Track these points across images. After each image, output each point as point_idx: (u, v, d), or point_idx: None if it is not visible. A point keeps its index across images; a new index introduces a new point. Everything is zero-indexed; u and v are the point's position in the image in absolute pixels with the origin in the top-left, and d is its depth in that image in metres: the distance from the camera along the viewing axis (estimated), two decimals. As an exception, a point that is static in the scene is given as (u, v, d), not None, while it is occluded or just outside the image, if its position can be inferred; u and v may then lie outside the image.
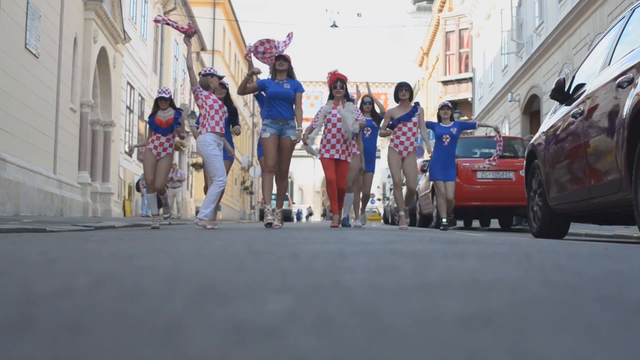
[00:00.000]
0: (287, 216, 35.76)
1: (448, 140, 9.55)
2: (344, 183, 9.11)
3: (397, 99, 9.25)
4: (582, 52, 15.22)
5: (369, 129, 9.75)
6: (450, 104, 10.21)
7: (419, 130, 9.21)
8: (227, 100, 8.40)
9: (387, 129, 9.22)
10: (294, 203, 56.91)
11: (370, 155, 9.91)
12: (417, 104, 9.34)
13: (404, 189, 9.85)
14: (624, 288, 1.38)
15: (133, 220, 12.82)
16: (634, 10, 4.85)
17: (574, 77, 5.60)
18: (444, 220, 9.51)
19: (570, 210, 5.44)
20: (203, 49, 30.51)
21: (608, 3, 14.21)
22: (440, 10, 35.20)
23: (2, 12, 10.87)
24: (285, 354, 0.68)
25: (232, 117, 8.67)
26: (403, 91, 9.27)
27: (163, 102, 8.29)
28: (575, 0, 15.93)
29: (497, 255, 2.46)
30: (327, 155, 8.98)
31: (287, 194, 48.92)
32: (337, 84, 9.03)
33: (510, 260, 2.22)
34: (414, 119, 9.09)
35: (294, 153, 8.50)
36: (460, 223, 15.26)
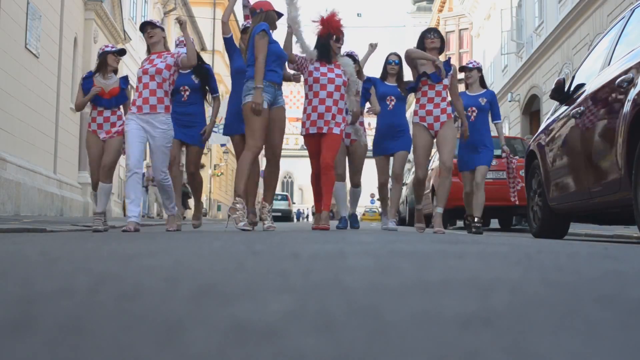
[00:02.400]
0: (287, 216, 35.57)
1: (475, 114, 7.15)
2: (330, 157, 6.47)
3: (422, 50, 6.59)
4: (582, 52, 15.22)
5: (392, 98, 7.27)
6: (480, 65, 7.71)
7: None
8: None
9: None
10: (294, 203, 56.85)
11: (400, 131, 7.26)
12: (449, 60, 6.78)
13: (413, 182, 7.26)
14: (624, 288, 1.38)
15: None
16: (634, 10, 4.85)
17: (573, 77, 5.60)
18: (471, 218, 7.56)
19: (570, 210, 5.44)
20: (203, 49, 30.51)
21: (608, 3, 14.21)
22: (440, 10, 35.19)
23: (2, 12, 10.87)
24: (286, 353, 0.68)
25: (206, 83, 6.76)
26: (431, 38, 6.61)
27: (113, 58, 6.32)
28: (575, 0, 15.94)
29: (497, 255, 2.46)
30: (313, 130, 6.51)
31: (287, 193, 48.31)
32: (333, 37, 6.63)
33: (510, 260, 2.22)
34: (446, 81, 6.53)
35: (293, 153, 7.60)
36: (460, 223, 15.26)
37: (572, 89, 5.43)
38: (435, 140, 6.57)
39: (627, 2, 12.92)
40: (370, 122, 11.45)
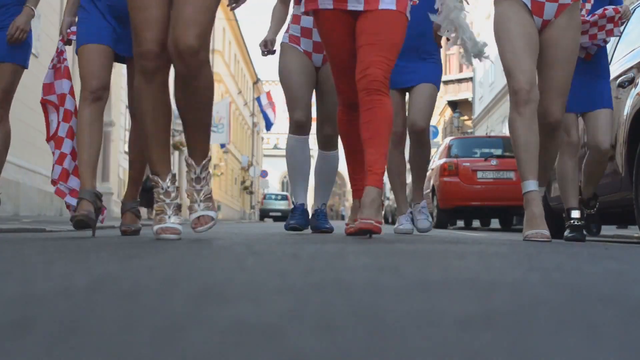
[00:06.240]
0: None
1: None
2: (381, 63, 3.29)
3: None
4: (582, 52, 15.24)
5: None
6: None
7: None
8: None
9: None
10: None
11: (425, 52, 4.84)
12: None
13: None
14: (625, 288, 1.38)
15: (133, 220, 12.80)
16: (634, 10, 4.85)
17: (574, 77, 5.60)
18: (577, 212, 4.45)
19: (570, 210, 5.43)
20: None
21: (608, 3, 14.22)
22: (440, 10, 35.20)
23: (2, 12, 10.86)
24: (286, 354, 0.68)
25: None
26: None
27: None
28: (575, 0, 15.94)
29: (497, 255, 2.46)
30: (326, 5, 3.32)
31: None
32: None
33: (511, 260, 2.22)
34: None
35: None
36: (460, 223, 15.27)
37: (572, 88, 5.42)
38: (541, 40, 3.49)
39: (626, 2, 12.94)
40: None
